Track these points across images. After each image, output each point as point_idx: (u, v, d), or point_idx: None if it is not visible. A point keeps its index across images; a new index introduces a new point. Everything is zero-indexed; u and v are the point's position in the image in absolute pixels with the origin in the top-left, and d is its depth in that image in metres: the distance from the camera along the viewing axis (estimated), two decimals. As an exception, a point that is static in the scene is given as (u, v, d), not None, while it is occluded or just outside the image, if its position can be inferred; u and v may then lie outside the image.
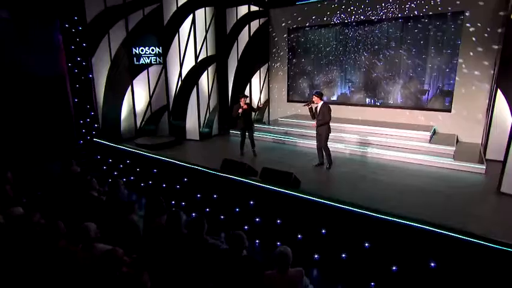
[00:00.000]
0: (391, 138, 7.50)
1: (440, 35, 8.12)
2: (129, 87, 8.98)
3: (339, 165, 6.24)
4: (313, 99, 5.96)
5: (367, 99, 9.41)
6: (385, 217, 4.04)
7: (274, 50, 10.75)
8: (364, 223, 4.19)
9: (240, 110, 6.77)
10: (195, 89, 8.79)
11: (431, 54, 8.33)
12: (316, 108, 6.06)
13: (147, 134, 9.21)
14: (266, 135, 8.74)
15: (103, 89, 8.41)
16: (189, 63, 8.67)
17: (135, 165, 7.36)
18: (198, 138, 8.95)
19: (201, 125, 9.00)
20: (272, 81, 10.96)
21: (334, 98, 9.86)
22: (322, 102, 5.93)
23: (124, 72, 8.78)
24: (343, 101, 9.63)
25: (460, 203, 4.60)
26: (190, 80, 8.74)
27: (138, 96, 9.20)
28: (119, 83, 8.72)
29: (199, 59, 8.64)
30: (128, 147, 7.62)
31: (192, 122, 9.02)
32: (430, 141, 7.24)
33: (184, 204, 6.40)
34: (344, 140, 7.70)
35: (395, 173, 5.78)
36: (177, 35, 8.62)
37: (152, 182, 7.00)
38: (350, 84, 9.69)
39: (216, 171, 5.84)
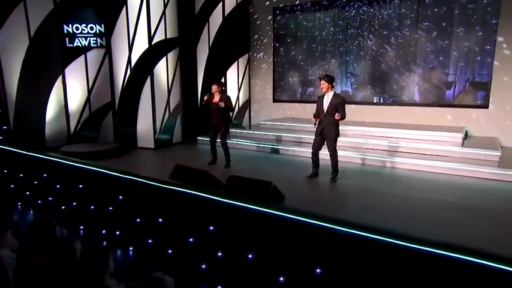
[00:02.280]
0: (409, 142, 6.99)
1: (472, 9, 7.59)
2: (59, 78, 8.15)
3: (342, 177, 5.79)
4: (322, 86, 5.37)
5: (375, 97, 8.96)
6: (413, 245, 3.14)
7: (256, 37, 10.29)
8: (382, 254, 3.29)
9: (206, 98, 6.25)
10: (148, 81, 8.00)
11: (458, 35, 7.80)
12: (321, 100, 5.46)
13: (85, 141, 8.38)
14: (245, 142, 8.18)
15: (16, 79, 7.52)
16: (141, 46, 7.91)
17: (54, 181, 6.26)
18: (152, 146, 8.17)
19: (158, 129, 8.23)
20: (254, 76, 10.51)
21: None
22: (333, 91, 5.41)
23: (51, 58, 7.97)
24: (346, 99, 8.87)
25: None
26: (142, 69, 7.97)
27: (72, 90, 8.37)
28: (43, 71, 7.88)
29: (154, 41, 7.92)
30: (43, 154, 6.53)
31: (144, 126, 8.19)
32: (462, 145, 6.70)
33: (120, 233, 5.36)
34: (347, 147, 7.21)
35: (416, 186, 5.40)
36: (124, 7, 7.84)
37: (77, 203, 5.92)
38: (352, 78, 9.28)
39: (161, 182, 4.84)
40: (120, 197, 5.34)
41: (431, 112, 8.12)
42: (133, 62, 7.96)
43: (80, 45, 8.24)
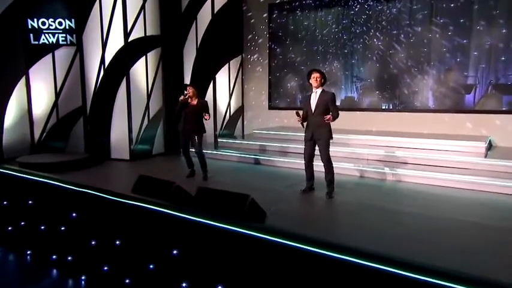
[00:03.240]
0: (423, 153, 6.61)
1: (494, 0, 7.18)
2: (22, 80, 7.93)
3: (342, 192, 5.46)
4: (315, 78, 5.13)
5: (384, 103, 8.56)
6: (426, 278, 2.57)
7: (250, 37, 10.00)
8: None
9: (182, 98, 6.03)
10: (124, 83, 7.72)
11: (478, 31, 7.39)
12: (308, 99, 5.22)
13: (51, 151, 8.05)
14: (233, 153, 7.89)
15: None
16: (116, 44, 7.66)
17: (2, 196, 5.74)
18: (128, 158, 7.83)
19: (134, 138, 7.87)
20: (247, 81, 10.18)
21: (337, 103, 8.87)
22: (321, 88, 5.21)
23: (12, 57, 7.74)
24: (349, 107, 8.86)
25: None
26: (117, 69, 7.73)
27: (38, 93, 8.15)
28: (2, 72, 7.62)
29: (131, 38, 7.66)
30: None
31: (119, 134, 7.90)
32: (485, 157, 6.28)
33: (72, 258, 4.78)
34: (350, 158, 6.88)
35: (430, 203, 5.06)
36: (97, 0, 7.61)
37: (25, 223, 5.37)
38: (358, 82, 8.94)
39: (119, 196, 4.30)
40: (74, 214, 4.78)
41: (449, 119, 7.68)
42: (107, 62, 7.74)
43: (47, 43, 8.04)
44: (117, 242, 4.32)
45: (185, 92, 6.04)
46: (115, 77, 7.70)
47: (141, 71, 7.92)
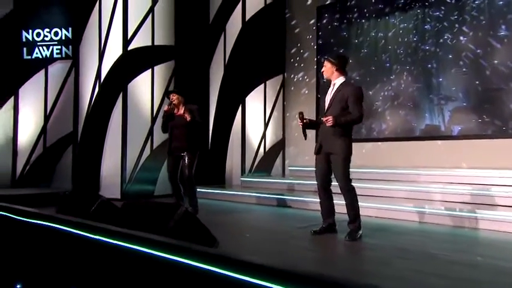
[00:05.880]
0: None
1: None
2: (9, 102, 8.27)
3: (374, 235, 4.86)
4: (325, 67, 4.84)
5: (481, 127, 7.35)
6: None
7: (293, 51, 9.60)
8: None
9: (166, 109, 6.04)
10: (120, 101, 7.56)
11: None
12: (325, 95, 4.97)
13: (34, 186, 8.22)
14: (256, 193, 7.80)
15: None
16: (114, 53, 7.67)
17: None
18: (118, 197, 7.50)
19: (128, 174, 7.61)
20: (290, 107, 9.76)
21: (416, 133, 8.24)
22: (342, 78, 4.83)
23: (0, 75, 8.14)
24: (431, 135, 7.94)
25: None
26: (113, 85, 7.66)
27: (25, 118, 8.39)
28: None
29: (131, 46, 7.63)
30: None
31: (111, 167, 7.63)
32: None
33: None
34: (414, 199, 6.31)
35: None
36: (97, 4, 7.78)
37: None
38: (444, 104, 7.83)
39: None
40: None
41: None
42: (103, 76, 7.70)
43: (40, 57, 8.37)
44: None
45: (170, 100, 5.98)
46: (110, 94, 7.66)
47: (145, 88, 7.78)
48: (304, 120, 4.68)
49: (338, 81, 4.69)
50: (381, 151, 8.22)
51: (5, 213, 4.19)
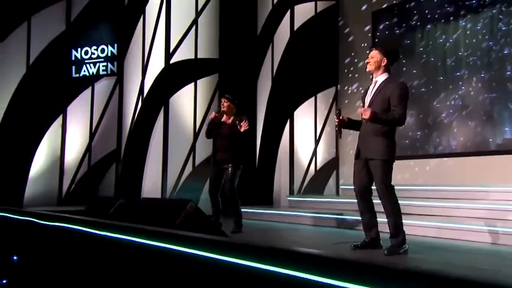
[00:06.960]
0: None
1: None
2: (58, 120, 8.72)
3: (423, 251, 4.72)
4: (372, 59, 4.60)
5: None
6: None
7: (347, 61, 9.28)
8: None
9: (212, 116, 6.04)
10: (161, 115, 7.78)
11: None
12: (365, 93, 4.77)
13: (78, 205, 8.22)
14: (308, 213, 7.68)
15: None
16: (157, 67, 7.92)
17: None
18: None
19: (169, 191, 7.78)
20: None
21: (492, 147, 7.85)
22: (386, 75, 4.62)
23: (50, 93, 8.59)
24: (506, 148, 7.49)
25: None
26: (156, 99, 7.87)
27: (72, 136, 8.76)
28: (36, 111, 8.46)
29: (173, 59, 7.90)
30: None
31: (152, 183, 7.84)
32: None
33: None
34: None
35: None
36: (141, 19, 8.09)
37: None
38: None
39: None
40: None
41: None
42: (145, 91, 7.90)
43: (88, 75, 8.74)
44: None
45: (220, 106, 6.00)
46: (152, 110, 7.84)
47: (188, 102, 7.89)
48: (341, 117, 4.43)
49: (381, 78, 4.46)
50: (447, 168, 7.89)
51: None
